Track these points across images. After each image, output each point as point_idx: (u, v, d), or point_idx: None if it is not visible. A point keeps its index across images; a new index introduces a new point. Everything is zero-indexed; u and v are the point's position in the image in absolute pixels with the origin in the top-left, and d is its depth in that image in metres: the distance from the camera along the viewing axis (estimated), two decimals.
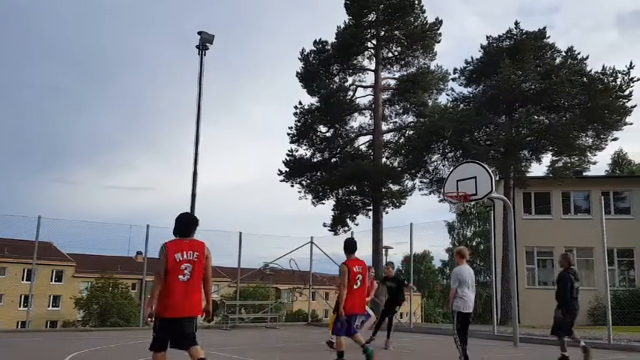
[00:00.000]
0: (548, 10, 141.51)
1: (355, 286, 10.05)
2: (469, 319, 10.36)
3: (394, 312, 15.20)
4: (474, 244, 63.87)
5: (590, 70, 26.59)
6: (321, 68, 32.86)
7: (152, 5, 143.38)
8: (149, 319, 6.68)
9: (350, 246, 10.44)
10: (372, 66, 32.86)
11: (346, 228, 31.63)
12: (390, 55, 33.18)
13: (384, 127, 32.85)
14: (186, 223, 7.08)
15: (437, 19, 32.26)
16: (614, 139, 26.84)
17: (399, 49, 32.93)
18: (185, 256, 6.75)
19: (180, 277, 6.68)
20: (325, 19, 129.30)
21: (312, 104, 32.72)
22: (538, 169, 31.67)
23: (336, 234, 31.33)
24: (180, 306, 6.65)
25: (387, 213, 31.09)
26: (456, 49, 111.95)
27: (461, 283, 10.23)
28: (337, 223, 31.92)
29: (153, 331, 6.74)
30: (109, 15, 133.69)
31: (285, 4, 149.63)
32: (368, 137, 32.87)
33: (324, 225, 31.89)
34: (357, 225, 31.70)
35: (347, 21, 32.48)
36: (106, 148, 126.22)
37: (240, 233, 23.16)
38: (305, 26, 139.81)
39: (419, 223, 21.79)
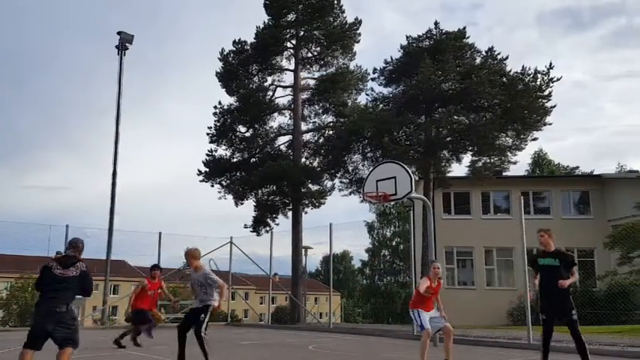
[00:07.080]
0: (471, 7, 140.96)
1: None
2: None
3: None
4: (394, 244, 63.00)
5: (510, 71, 25.37)
6: (240, 68, 30.90)
7: (68, 3, 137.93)
8: None
9: None
10: (292, 66, 31.13)
11: (268, 228, 29.82)
12: (310, 55, 31.49)
13: (304, 127, 31.18)
14: None
15: (356, 18, 30.80)
16: (534, 139, 25.75)
17: (318, 49, 31.24)
18: None
19: None
20: (245, 19, 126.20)
21: (231, 104, 30.82)
22: (458, 169, 30.38)
23: (258, 234, 29.77)
24: None
25: (306, 213, 29.63)
26: (376, 46, 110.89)
27: None
28: (258, 223, 30.14)
29: None
30: (24, 13, 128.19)
31: (202, 3, 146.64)
32: (287, 137, 31.18)
33: (245, 226, 30.15)
34: (277, 225, 30.20)
35: (266, 21, 30.79)
36: (23, 147, 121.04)
37: (160, 233, 22.62)
38: (225, 25, 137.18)
39: (338, 224, 20.87)
